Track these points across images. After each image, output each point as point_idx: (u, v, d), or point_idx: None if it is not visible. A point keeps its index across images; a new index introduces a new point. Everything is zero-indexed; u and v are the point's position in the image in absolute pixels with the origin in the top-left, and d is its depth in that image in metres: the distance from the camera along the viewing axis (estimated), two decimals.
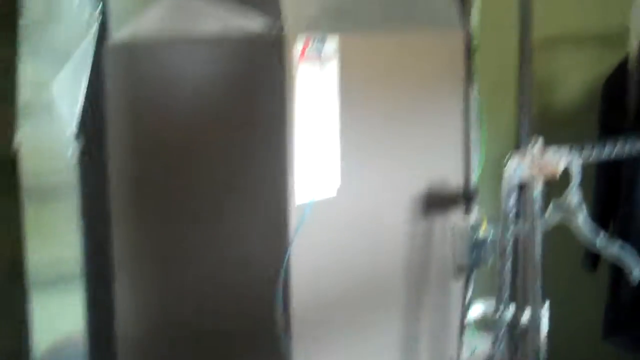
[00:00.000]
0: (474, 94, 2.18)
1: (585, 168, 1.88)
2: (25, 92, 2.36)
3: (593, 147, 1.82)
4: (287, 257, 1.69)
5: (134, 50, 2.03)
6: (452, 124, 2.16)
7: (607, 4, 2.73)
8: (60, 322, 2.37)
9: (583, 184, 1.88)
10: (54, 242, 2.34)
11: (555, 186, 1.88)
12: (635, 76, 2.55)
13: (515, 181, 1.81)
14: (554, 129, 2.46)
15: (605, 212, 2.55)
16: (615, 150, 1.87)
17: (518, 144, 2.19)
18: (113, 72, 2.08)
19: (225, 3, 1.82)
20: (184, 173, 1.97)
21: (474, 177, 2.20)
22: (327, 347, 1.84)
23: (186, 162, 1.96)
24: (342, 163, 1.81)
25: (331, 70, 1.76)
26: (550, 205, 1.83)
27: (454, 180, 2.18)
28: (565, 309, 2.36)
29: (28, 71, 2.34)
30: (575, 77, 2.87)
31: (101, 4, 2.11)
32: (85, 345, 2.30)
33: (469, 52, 2.15)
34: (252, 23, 1.75)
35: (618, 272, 2.53)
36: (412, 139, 2.03)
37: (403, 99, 1.98)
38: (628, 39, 2.58)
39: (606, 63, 2.69)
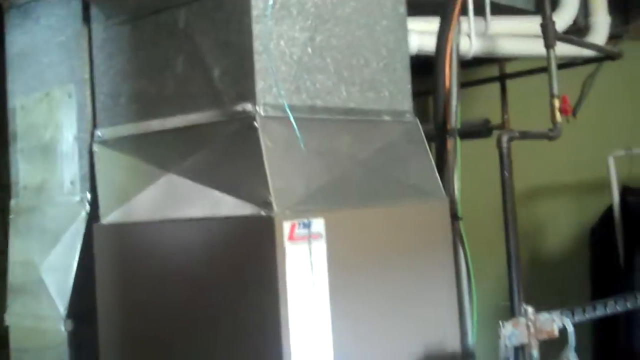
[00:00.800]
0: (463, 252, 2.21)
1: None
2: (14, 272, 2.39)
3: (584, 309, 1.83)
4: None
5: (123, 231, 2.07)
6: (444, 288, 2.17)
7: (585, 153, 2.83)
8: None
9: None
10: None
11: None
12: (620, 222, 2.60)
13: (511, 347, 1.79)
14: (544, 276, 2.48)
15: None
16: (607, 309, 1.87)
17: (512, 297, 2.21)
18: (102, 252, 2.11)
19: (215, 185, 1.87)
20: (173, 349, 1.95)
21: (470, 339, 2.19)
22: None
23: (176, 338, 1.94)
24: (337, 334, 1.81)
25: (319, 247, 1.79)
26: None
27: (450, 342, 2.16)
28: None
29: (17, 252, 2.38)
30: (560, 224, 2.93)
31: (90, 189, 2.18)
32: None
33: (454, 218, 2.20)
34: (242, 205, 1.80)
35: None
36: (405, 305, 2.04)
37: (393, 267, 2.01)
38: (607, 187, 2.65)
39: (587, 210, 2.75)
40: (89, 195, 2.20)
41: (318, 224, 1.79)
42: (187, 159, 1.99)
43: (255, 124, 1.82)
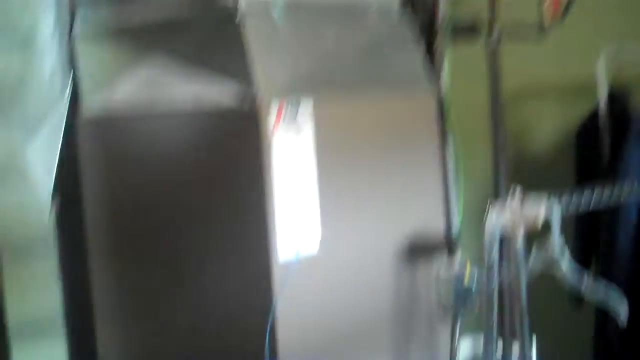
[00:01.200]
0: (450, 146, 2.20)
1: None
2: None
3: (571, 196, 1.83)
4: (272, 311, 1.66)
5: (106, 123, 2.03)
6: (431, 176, 2.19)
7: (573, 56, 2.79)
8: None
9: (562, 220, 1.88)
10: (35, 298, 2.33)
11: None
12: (606, 125, 2.60)
13: (497, 232, 1.80)
14: (529, 177, 2.48)
15: (586, 253, 2.57)
16: (594, 197, 1.88)
17: (497, 193, 2.22)
18: (86, 143, 2.08)
19: (198, 74, 1.83)
20: (160, 232, 1.96)
21: (455, 225, 2.21)
22: None
23: (163, 223, 1.95)
24: (324, 219, 1.81)
25: (306, 133, 1.78)
26: (533, 254, 1.82)
27: (435, 228, 2.19)
28: (552, 343, 2.35)
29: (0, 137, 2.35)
30: (546, 126, 2.92)
31: (72, 74, 2.14)
32: None
33: (442, 109, 2.19)
34: (225, 93, 1.77)
35: (602, 309, 2.55)
36: (392, 193, 2.05)
37: (380, 155, 2.00)
38: (595, 89, 2.63)
39: (574, 113, 2.74)
40: (69, 87, 2.16)
41: (304, 111, 1.77)
42: (169, 50, 1.94)
43: (238, 13, 1.78)
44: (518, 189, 1.76)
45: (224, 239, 1.79)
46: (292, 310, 1.73)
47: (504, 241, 1.87)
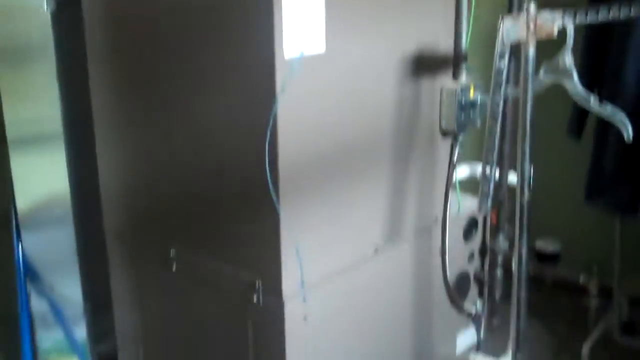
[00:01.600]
0: None
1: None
2: None
3: (587, 11, 1.77)
4: (274, 111, 1.65)
5: None
6: None
7: None
8: (44, 180, 2.35)
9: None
10: (33, 101, 2.30)
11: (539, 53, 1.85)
12: None
13: (509, 41, 1.75)
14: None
15: (590, 83, 2.56)
16: (611, 13, 1.82)
17: (510, 9, 2.17)
18: None
19: None
20: (162, 25, 1.90)
21: (464, 41, 2.17)
22: (314, 202, 1.83)
23: (164, 15, 1.88)
24: (330, 21, 1.76)
25: None
26: (543, 66, 1.79)
27: (443, 43, 2.15)
28: (548, 174, 2.39)
29: None
30: None
31: None
32: (70, 203, 2.29)
33: None
34: None
35: (602, 138, 2.57)
36: (402, 2, 1.98)
37: None
38: None
39: None
40: None
41: None
42: None
43: None
44: (532, 4, 1.69)
45: (227, 33, 1.74)
46: (294, 112, 1.72)
47: (513, 56, 1.83)
